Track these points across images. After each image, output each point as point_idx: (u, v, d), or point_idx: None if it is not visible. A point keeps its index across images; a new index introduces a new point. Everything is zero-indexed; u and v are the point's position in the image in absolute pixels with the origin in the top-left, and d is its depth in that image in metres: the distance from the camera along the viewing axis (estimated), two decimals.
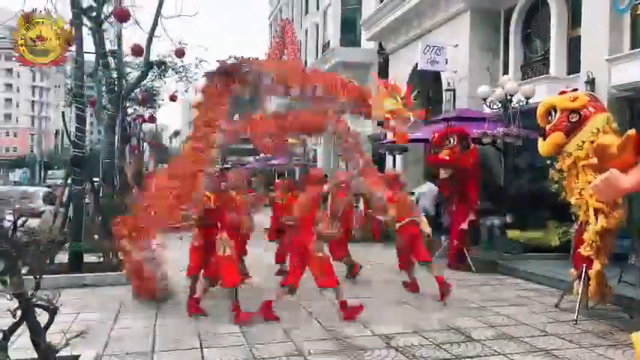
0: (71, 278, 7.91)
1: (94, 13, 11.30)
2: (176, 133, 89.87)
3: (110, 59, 12.89)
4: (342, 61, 22.85)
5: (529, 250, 9.92)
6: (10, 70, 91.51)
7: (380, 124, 11.68)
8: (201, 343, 5.22)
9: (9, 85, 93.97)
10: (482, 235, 10.98)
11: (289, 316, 6.14)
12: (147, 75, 13.70)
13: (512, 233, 10.28)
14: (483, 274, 9.00)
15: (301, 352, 4.99)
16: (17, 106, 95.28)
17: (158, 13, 12.93)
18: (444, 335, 5.54)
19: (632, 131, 5.38)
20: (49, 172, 55.09)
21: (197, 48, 16.86)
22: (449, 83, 14.94)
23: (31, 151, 76.06)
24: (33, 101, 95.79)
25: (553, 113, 6.37)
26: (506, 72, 13.67)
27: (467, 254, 9.38)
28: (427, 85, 17.05)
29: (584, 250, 6.12)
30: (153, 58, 15.40)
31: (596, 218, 6.02)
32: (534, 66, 13.11)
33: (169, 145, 73.07)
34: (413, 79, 17.34)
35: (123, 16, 9.64)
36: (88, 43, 11.28)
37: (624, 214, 6.08)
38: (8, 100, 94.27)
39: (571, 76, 11.56)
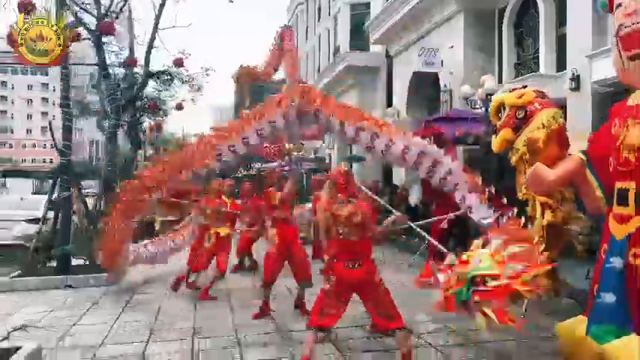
0: (57, 279, 8.32)
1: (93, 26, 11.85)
2: None
3: (110, 70, 13.40)
4: (350, 65, 23.06)
5: None
6: (46, 85, 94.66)
7: None
8: (149, 337, 5.50)
9: (45, 99, 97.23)
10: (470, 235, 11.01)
11: (279, 309, 6.41)
12: (146, 84, 14.17)
13: None
14: None
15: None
16: (54, 118, 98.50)
17: (156, 25, 13.44)
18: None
19: (555, 125, 5.46)
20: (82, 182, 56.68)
21: (204, 56, 17.33)
22: (445, 84, 14.98)
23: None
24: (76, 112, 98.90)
25: (502, 110, 6.45)
26: (500, 71, 13.69)
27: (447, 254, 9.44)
28: (427, 87, 17.11)
29: None
30: (159, 67, 15.99)
31: (543, 213, 6.09)
32: (527, 64, 13.07)
33: None
34: (413, 82, 17.49)
35: (107, 29, 10.06)
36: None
37: (574, 209, 6.12)
38: (44, 114, 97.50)
39: (559, 73, 11.52)
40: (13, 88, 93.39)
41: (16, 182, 46.30)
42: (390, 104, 20.46)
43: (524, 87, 6.71)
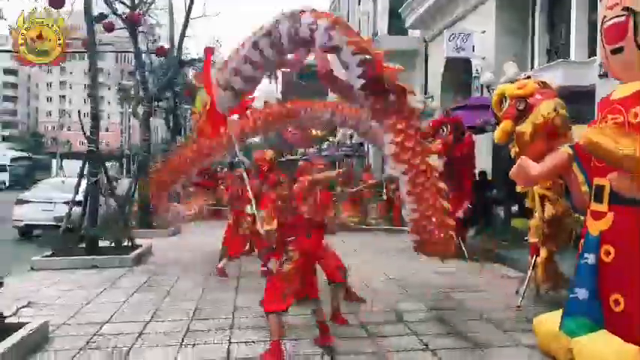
0: (85, 260, 8.83)
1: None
2: None
3: (145, 58, 13.87)
4: (388, 50, 22.83)
5: None
6: (101, 69, 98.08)
7: None
8: (153, 315, 5.85)
9: (100, 83, 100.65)
10: (492, 224, 10.96)
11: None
12: (179, 73, 14.60)
13: (517, 221, 10.19)
14: (474, 262, 8.99)
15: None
16: (109, 103, 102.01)
17: (188, 14, 13.80)
18: (376, 316, 5.81)
19: (540, 119, 5.41)
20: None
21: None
22: (477, 70, 14.74)
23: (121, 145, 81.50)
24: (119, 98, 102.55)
25: (505, 101, 6.39)
26: (532, 57, 13.37)
27: (461, 242, 9.41)
28: (460, 73, 16.84)
29: (531, 237, 6.16)
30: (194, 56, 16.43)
31: (543, 206, 6.05)
32: (559, 50, 12.71)
33: None
34: (447, 68, 17.25)
35: (134, 20, 10.45)
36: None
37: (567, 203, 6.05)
38: (102, 97, 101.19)
39: (590, 59, 11.16)
40: (71, 73, 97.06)
41: (72, 164, 48.45)
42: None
43: (528, 77, 6.64)
